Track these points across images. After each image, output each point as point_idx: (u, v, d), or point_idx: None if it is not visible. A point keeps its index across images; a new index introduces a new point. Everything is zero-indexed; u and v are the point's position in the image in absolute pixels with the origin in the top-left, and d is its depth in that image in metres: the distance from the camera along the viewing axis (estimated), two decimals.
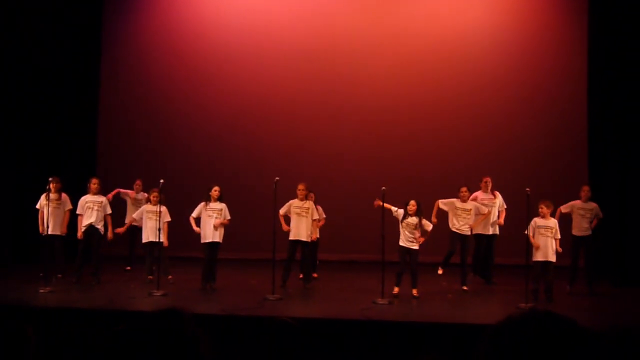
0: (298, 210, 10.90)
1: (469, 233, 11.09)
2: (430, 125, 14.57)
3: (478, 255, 11.66)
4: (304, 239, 10.84)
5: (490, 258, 11.62)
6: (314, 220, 11.16)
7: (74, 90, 14.36)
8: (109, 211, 11.19)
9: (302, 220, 10.84)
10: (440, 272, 11.10)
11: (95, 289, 10.37)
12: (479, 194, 11.72)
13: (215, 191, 10.74)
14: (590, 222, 10.90)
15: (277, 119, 14.89)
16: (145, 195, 11.94)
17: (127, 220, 11.96)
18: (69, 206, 11.23)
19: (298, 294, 10.46)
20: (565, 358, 1.48)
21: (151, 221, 10.95)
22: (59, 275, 10.96)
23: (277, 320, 3.90)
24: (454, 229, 11.05)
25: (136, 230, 11.78)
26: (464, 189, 11.17)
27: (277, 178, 10.20)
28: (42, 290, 9.79)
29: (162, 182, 10.64)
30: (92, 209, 11.00)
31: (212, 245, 10.59)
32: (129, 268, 12.61)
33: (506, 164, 14.12)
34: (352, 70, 14.75)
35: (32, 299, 9.39)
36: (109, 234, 11.16)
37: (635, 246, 11.87)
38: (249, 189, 14.39)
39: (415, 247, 10.22)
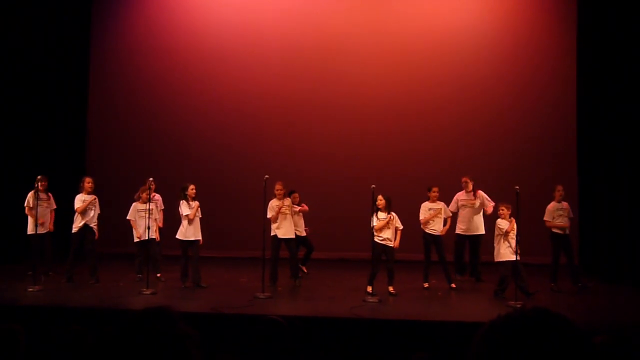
0: (282, 210, 10.96)
1: (440, 233, 11.06)
2: (419, 124, 14.60)
3: (470, 255, 11.76)
4: (289, 236, 10.97)
5: (477, 256, 11.70)
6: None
7: (63, 88, 14.31)
8: (98, 211, 11.13)
9: (286, 218, 10.92)
10: (426, 285, 10.99)
11: (84, 288, 10.32)
12: (459, 194, 11.76)
13: (192, 190, 10.82)
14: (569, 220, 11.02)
15: (268, 117, 14.88)
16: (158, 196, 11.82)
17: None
18: (54, 205, 11.27)
19: (288, 292, 10.45)
20: (560, 356, 1.48)
21: (142, 219, 10.92)
22: (50, 273, 10.94)
23: (267, 319, 3.91)
24: (427, 230, 11.03)
25: None
26: (435, 189, 11.19)
27: (266, 176, 10.21)
28: (31, 289, 9.75)
29: (151, 180, 10.66)
30: (89, 208, 10.95)
31: (194, 243, 10.66)
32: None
33: (496, 162, 14.18)
34: (343, 69, 14.75)
35: (22, 298, 9.34)
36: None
37: (625, 243, 11.93)
38: (239, 187, 14.39)
39: (391, 244, 10.25)
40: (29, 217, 10.95)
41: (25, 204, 10.98)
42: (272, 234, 10.87)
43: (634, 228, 11.77)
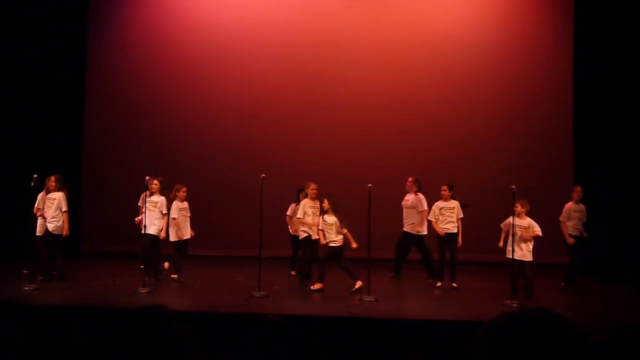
0: (314, 210, 10.92)
1: (454, 231, 11.06)
2: (416, 123, 14.60)
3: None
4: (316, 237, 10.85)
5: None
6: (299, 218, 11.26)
7: (59, 87, 14.25)
8: (65, 208, 11.04)
9: (317, 220, 10.81)
10: (439, 285, 11.00)
11: (81, 287, 10.29)
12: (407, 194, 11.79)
13: (154, 184, 10.89)
14: (583, 223, 11.02)
15: (265, 116, 14.86)
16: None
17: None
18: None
19: (284, 291, 10.44)
20: (559, 355, 1.48)
21: (185, 219, 11.18)
22: (55, 273, 10.90)
23: (263, 318, 3.90)
24: (439, 229, 11.02)
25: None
26: (443, 187, 11.18)
27: (263, 175, 10.21)
28: (27, 288, 9.73)
29: (148, 179, 10.66)
30: (50, 208, 10.87)
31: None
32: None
33: (492, 161, 14.20)
34: (340, 69, 14.73)
35: (18, 297, 9.31)
36: (65, 231, 10.96)
37: (623, 243, 11.94)
38: (235, 186, 14.38)
39: (338, 244, 10.40)
40: (40, 219, 10.86)
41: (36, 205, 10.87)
42: (304, 235, 10.89)
43: (632, 227, 11.79)
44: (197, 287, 10.52)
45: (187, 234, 11.08)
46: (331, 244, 10.41)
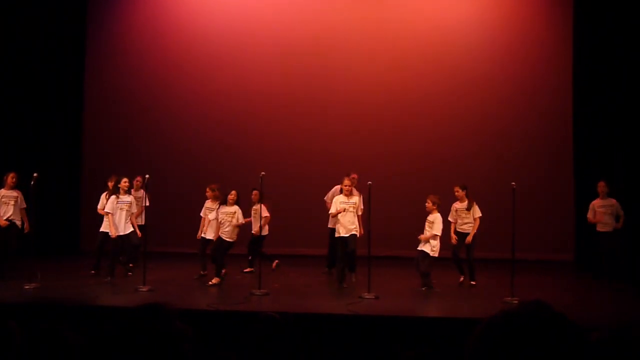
0: (345, 206, 10.55)
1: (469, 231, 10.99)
2: (415, 122, 14.60)
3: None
4: (349, 234, 10.50)
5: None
6: (264, 217, 11.37)
7: (58, 87, 14.26)
8: (24, 205, 11.04)
9: (348, 216, 10.52)
10: (461, 280, 11.01)
11: (80, 285, 10.29)
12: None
13: (124, 182, 10.86)
14: (614, 218, 10.98)
15: (264, 114, 14.86)
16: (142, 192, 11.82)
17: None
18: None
19: (284, 289, 10.44)
20: (558, 352, 1.48)
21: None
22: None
23: (263, 315, 3.90)
24: (458, 229, 10.96)
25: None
26: (455, 188, 11.12)
27: (262, 173, 10.21)
28: (27, 287, 9.72)
29: (148, 178, 10.65)
30: (7, 204, 10.90)
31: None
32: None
33: (492, 159, 14.20)
34: (338, 67, 14.73)
35: (17, 295, 9.30)
36: (26, 227, 11.02)
37: (623, 242, 11.93)
38: (235, 184, 14.34)
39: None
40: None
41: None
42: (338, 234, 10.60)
43: (630, 226, 11.78)
44: (196, 285, 10.51)
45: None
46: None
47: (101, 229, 11.01)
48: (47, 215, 12.67)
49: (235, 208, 10.83)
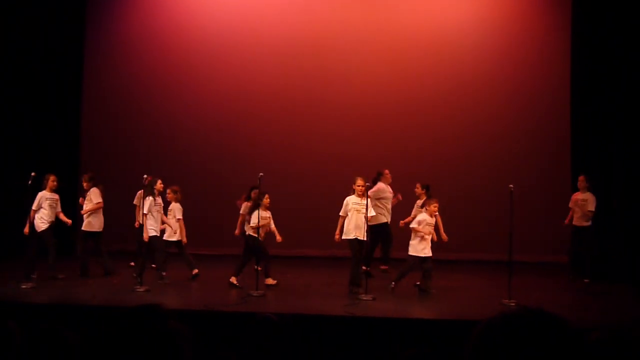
0: (357, 207, 10.23)
1: None
2: (413, 123, 14.60)
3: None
4: (362, 237, 10.18)
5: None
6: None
7: (57, 86, 14.23)
8: (59, 209, 11.07)
9: (360, 217, 10.18)
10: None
11: (77, 285, 10.28)
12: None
13: (159, 184, 10.87)
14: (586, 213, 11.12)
15: (262, 114, 14.85)
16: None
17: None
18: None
19: (281, 290, 10.43)
20: (554, 354, 1.48)
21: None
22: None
23: (259, 316, 3.90)
24: None
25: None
26: (417, 185, 11.21)
27: (261, 174, 10.20)
28: (24, 287, 9.71)
29: (145, 178, 10.64)
30: (52, 207, 10.89)
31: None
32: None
33: (489, 160, 14.20)
34: (337, 67, 14.73)
35: (15, 295, 9.29)
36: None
37: (618, 241, 11.95)
38: (233, 184, 14.35)
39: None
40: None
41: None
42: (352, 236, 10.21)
43: (630, 227, 11.80)
44: (193, 286, 10.50)
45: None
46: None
47: (84, 228, 11.22)
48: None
49: (269, 213, 10.78)
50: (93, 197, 11.32)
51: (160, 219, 10.83)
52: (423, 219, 10.16)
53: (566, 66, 13.69)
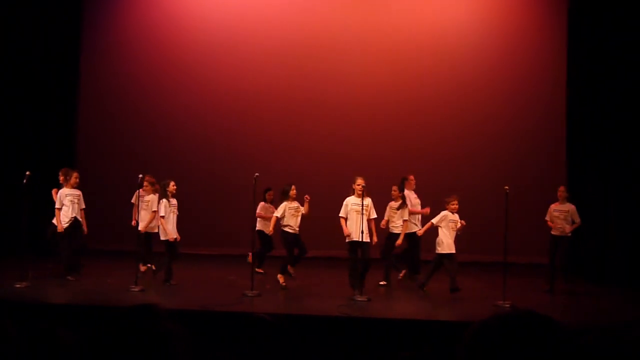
0: (357, 208, 10.04)
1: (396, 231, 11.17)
2: (410, 123, 14.60)
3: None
4: (365, 239, 9.91)
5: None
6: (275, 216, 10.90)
7: (53, 84, 14.21)
8: (83, 205, 11.05)
9: (360, 219, 9.93)
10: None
11: (72, 284, 10.27)
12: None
13: (172, 186, 10.70)
14: (569, 224, 10.89)
15: (259, 114, 14.84)
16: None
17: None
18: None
19: (276, 290, 10.43)
20: (546, 356, 1.49)
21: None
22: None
23: (254, 317, 3.90)
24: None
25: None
26: (394, 187, 11.23)
27: (256, 174, 10.19)
28: (18, 285, 9.69)
29: (141, 177, 10.64)
30: (73, 203, 10.86)
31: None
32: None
33: (485, 161, 14.22)
34: (335, 67, 14.72)
35: (8, 293, 9.27)
36: (85, 230, 11.01)
37: (614, 244, 11.98)
38: (229, 184, 14.36)
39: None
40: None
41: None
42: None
43: (623, 229, 11.83)
44: (189, 286, 10.49)
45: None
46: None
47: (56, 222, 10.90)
48: (39, 214, 12.60)
49: (297, 203, 10.77)
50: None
51: (174, 219, 10.72)
52: (444, 216, 10.18)
53: (562, 67, 13.72)
